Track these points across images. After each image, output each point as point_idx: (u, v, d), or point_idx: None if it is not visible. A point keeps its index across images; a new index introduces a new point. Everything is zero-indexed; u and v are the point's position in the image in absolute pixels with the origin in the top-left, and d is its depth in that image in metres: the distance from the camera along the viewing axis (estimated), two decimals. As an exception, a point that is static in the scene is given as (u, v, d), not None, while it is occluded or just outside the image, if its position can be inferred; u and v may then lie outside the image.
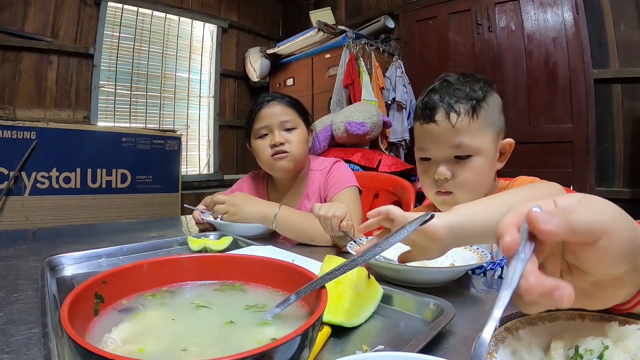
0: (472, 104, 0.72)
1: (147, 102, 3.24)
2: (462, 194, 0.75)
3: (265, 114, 1.11)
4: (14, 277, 0.64)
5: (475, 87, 0.74)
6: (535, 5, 2.52)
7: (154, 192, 2.88)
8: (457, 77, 0.77)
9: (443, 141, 0.74)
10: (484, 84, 0.76)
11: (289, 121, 1.11)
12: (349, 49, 2.76)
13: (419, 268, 0.63)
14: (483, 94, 0.73)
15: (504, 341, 0.36)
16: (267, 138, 1.11)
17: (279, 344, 0.24)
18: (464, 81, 0.76)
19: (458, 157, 0.74)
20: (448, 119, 0.72)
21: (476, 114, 0.72)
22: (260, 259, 0.41)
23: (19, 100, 2.55)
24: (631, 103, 2.30)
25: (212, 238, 0.91)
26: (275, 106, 1.11)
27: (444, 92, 0.74)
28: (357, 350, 0.41)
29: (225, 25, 3.64)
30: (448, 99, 0.73)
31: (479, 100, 0.73)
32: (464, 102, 0.72)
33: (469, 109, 0.72)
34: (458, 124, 0.72)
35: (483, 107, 0.73)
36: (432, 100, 0.75)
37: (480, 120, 0.72)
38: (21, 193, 2.34)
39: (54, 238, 1.05)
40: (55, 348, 0.38)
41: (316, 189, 1.14)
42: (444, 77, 0.78)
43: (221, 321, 0.33)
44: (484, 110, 0.73)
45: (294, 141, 1.10)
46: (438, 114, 0.73)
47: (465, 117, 0.72)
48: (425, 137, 0.77)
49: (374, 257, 0.39)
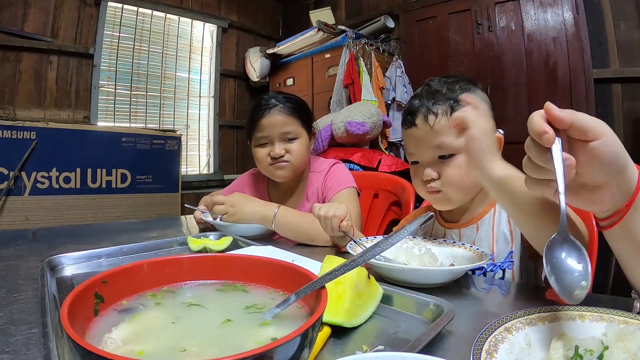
0: (449, 104, 0.74)
1: (147, 102, 3.24)
2: (451, 191, 0.77)
3: (266, 123, 1.08)
4: (14, 277, 0.64)
5: (455, 87, 0.76)
6: (535, 5, 2.52)
7: (154, 192, 2.88)
8: (438, 80, 0.80)
9: (425, 143, 0.76)
10: (465, 82, 0.78)
11: (291, 132, 1.09)
12: (349, 48, 2.76)
13: (418, 268, 0.63)
14: (461, 92, 0.75)
15: (504, 341, 0.36)
16: (267, 147, 1.10)
17: (279, 344, 0.24)
18: (443, 83, 0.78)
19: (442, 157, 0.76)
20: (426, 122, 0.75)
21: (454, 112, 0.73)
22: (260, 259, 0.41)
23: (19, 100, 2.54)
24: (631, 103, 2.30)
25: (212, 238, 0.91)
26: (277, 116, 1.08)
27: (424, 97, 0.77)
28: (357, 351, 0.41)
29: (225, 25, 3.64)
30: (426, 102, 0.76)
31: (456, 100, 0.74)
32: (442, 103, 0.75)
33: (446, 109, 0.74)
34: (436, 125, 0.74)
35: (462, 105, 0.74)
36: (413, 106, 0.78)
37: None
38: (21, 193, 2.34)
39: (54, 238, 1.05)
40: (55, 348, 0.38)
41: (315, 190, 1.14)
42: (427, 82, 0.81)
43: (221, 321, 0.33)
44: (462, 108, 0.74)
45: (294, 152, 1.09)
46: (418, 118, 0.76)
47: (443, 118, 0.74)
48: (410, 142, 0.80)
49: (374, 257, 0.39)
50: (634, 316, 0.39)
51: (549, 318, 0.40)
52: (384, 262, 0.64)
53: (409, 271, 0.61)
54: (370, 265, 0.63)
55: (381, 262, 0.62)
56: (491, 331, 0.37)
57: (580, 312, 0.41)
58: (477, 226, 0.80)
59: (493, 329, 0.37)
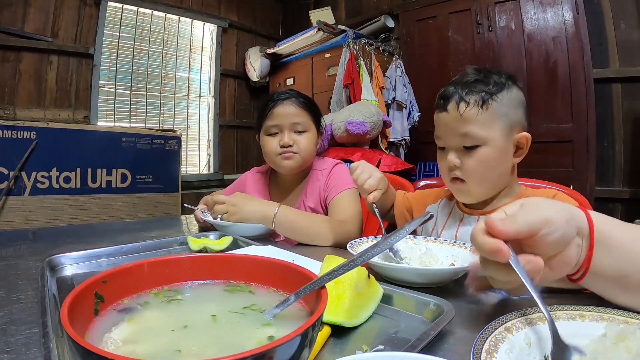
0: (482, 96, 0.74)
1: (147, 102, 3.24)
2: (473, 183, 0.77)
3: (278, 112, 1.10)
4: (14, 277, 0.64)
5: (490, 80, 0.76)
6: (535, 4, 2.52)
7: (154, 192, 2.88)
8: (476, 70, 0.79)
9: (452, 130, 0.77)
10: (504, 77, 0.77)
11: (301, 124, 1.10)
12: (348, 48, 2.76)
13: (419, 268, 0.63)
14: (496, 86, 0.75)
15: (504, 341, 0.36)
16: (277, 137, 1.11)
17: (279, 344, 0.24)
18: (481, 73, 0.78)
19: (467, 147, 0.76)
20: (457, 108, 0.75)
21: (486, 104, 0.74)
22: (260, 259, 0.41)
23: (19, 100, 2.54)
24: (631, 102, 2.30)
25: (212, 238, 0.91)
26: (289, 106, 1.10)
27: (459, 84, 0.77)
28: (357, 350, 0.41)
29: (225, 25, 3.64)
30: (460, 89, 0.76)
31: (490, 92, 0.74)
32: (475, 93, 0.75)
33: (478, 100, 0.74)
34: (466, 114, 0.74)
35: (494, 99, 0.74)
36: (447, 91, 0.78)
37: (490, 112, 0.74)
38: (21, 193, 2.34)
39: (54, 238, 1.05)
40: (55, 348, 0.38)
41: (315, 188, 1.14)
42: (465, 69, 0.81)
43: (221, 321, 0.33)
44: (495, 102, 0.74)
45: (302, 144, 1.10)
46: (450, 104, 0.77)
47: (474, 107, 0.74)
48: (439, 125, 0.81)
49: (374, 257, 0.39)
50: (634, 316, 0.39)
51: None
52: (384, 262, 0.64)
53: (409, 271, 0.61)
54: (370, 265, 0.63)
55: (381, 262, 0.62)
56: (491, 331, 0.37)
57: (580, 312, 0.41)
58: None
59: (493, 329, 0.37)
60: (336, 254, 0.61)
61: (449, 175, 0.81)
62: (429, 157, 2.94)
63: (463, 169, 0.77)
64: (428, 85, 2.99)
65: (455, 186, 0.81)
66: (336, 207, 1.07)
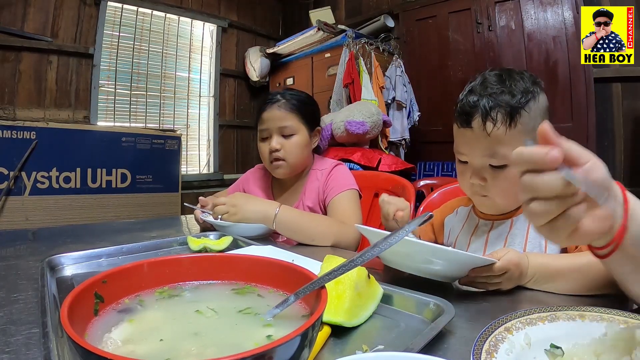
0: (509, 111, 0.67)
1: (147, 101, 3.24)
2: (499, 199, 0.73)
3: (266, 117, 1.12)
4: (14, 277, 0.64)
5: (515, 89, 0.69)
6: (535, 4, 2.52)
7: (154, 192, 2.88)
8: (498, 75, 0.72)
9: (478, 148, 0.71)
10: (529, 82, 0.71)
11: (288, 127, 1.11)
12: (348, 48, 2.76)
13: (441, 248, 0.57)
14: (524, 98, 0.68)
15: (504, 341, 0.36)
16: (267, 141, 1.13)
17: (279, 344, 0.24)
18: (505, 81, 0.70)
19: (493, 165, 0.70)
20: (484, 127, 0.69)
21: (514, 122, 0.67)
22: (260, 259, 0.41)
23: (19, 100, 2.54)
24: (631, 102, 2.30)
25: (212, 238, 0.91)
26: (275, 110, 1.11)
27: (482, 94, 0.70)
28: (357, 350, 0.41)
29: (225, 24, 3.64)
30: (485, 102, 0.69)
31: (517, 106, 0.68)
32: (502, 108, 0.68)
33: (505, 117, 0.67)
34: (494, 133, 0.68)
35: (523, 114, 0.68)
36: (469, 103, 0.71)
37: (519, 128, 0.68)
38: (21, 193, 2.34)
39: (54, 238, 1.05)
40: (55, 348, 0.38)
41: (315, 187, 1.14)
42: (485, 74, 0.74)
43: (220, 321, 0.33)
44: (523, 118, 0.68)
45: (290, 148, 1.10)
46: (474, 120, 0.70)
47: (502, 126, 0.68)
48: (462, 141, 0.74)
49: (373, 257, 0.38)
50: (634, 316, 0.39)
51: (549, 318, 0.40)
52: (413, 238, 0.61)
53: (429, 249, 0.56)
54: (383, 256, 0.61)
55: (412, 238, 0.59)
56: (491, 331, 0.37)
57: (580, 312, 0.41)
58: (511, 222, 0.76)
59: (493, 329, 0.37)
60: (336, 254, 0.61)
61: (470, 190, 0.75)
62: (429, 156, 2.94)
63: (489, 186, 0.72)
64: (428, 85, 2.99)
65: (479, 200, 0.77)
66: (336, 208, 1.07)
